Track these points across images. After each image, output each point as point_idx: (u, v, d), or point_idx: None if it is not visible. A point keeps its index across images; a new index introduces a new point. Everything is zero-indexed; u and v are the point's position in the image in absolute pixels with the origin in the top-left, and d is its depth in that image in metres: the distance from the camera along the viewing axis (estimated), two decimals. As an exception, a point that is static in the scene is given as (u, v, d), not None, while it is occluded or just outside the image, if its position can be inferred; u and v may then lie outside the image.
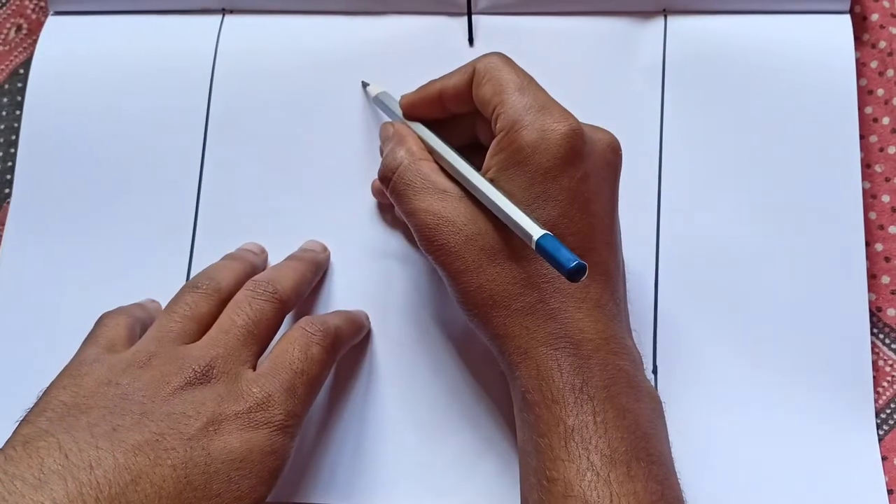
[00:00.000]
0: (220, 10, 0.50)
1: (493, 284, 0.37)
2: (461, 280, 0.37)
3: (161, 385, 0.35)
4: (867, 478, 0.41)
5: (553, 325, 0.36)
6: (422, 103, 0.42)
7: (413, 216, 0.38)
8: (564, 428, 0.35)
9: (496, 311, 0.37)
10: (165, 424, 0.34)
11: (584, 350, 0.36)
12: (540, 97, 0.37)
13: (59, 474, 0.31)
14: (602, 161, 0.37)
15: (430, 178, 0.38)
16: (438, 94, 0.41)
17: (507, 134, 0.37)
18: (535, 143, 0.36)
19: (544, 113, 0.36)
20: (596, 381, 0.35)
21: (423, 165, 0.39)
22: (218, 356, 0.37)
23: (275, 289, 0.39)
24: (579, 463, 0.34)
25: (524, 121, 0.36)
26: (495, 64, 0.38)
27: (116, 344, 0.38)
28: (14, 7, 0.52)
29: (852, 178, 0.44)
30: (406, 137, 0.41)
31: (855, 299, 0.43)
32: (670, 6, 0.48)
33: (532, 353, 0.36)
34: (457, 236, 0.37)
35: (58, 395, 0.35)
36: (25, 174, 0.48)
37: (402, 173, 0.39)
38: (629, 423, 0.35)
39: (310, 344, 0.38)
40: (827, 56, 0.46)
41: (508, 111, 0.37)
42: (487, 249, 0.37)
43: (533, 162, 0.36)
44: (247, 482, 0.34)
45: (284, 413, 0.36)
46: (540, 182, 0.36)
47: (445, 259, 0.37)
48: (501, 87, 0.37)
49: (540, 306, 0.36)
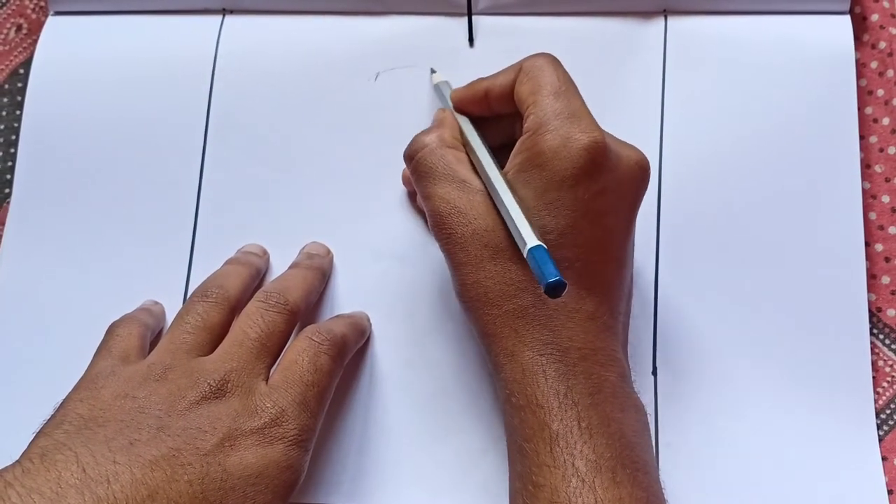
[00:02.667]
0: (221, 10, 0.50)
1: (489, 281, 0.37)
2: (461, 271, 0.37)
3: (177, 399, 0.35)
4: (867, 478, 0.41)
5: (542, 331, 0.36)
6: (469, 98, 0.42)
7: (429, 200, 0.38)
8: (549, 433, 0.35)
9: (488, 309, 0.37)
10: (182, 440, 0.34)
11: (569, 358, 0.36)
12: (573, 105, 0.37)
13: (76, 488, 0.31)
14: (626, 178, 0.37)
15: (451, 167, 0.38)
16: (485, 92, 0.41)
17: (531, 136, 0.37)
18: (556, 149, 0.36)
19: (572, 121, 0.36)
20: (580, 388, 0.35)
21: (448, 153, 0.39)
22: (232, 370, 0.37)
23: (286, 300, 0.40)
24: (564, 469, 0.34)
25: (550, 125, 0.36)
26: (540, 65, 0.38)
27: (130, 354, 0.39)
28: (14, 7, 0.52)
29: (852, 178, 0.44)
30: (444, 124, 0.41)
31: (855, 299, 0.43)
32: (670, 6, 0.48)
33: (518, 356, 0.36)
34: (465, 228, 0.37)
35: (75, 407, 0.35)
36: (25, 174, 0.48)
37: (425, 156, 0.39)
38: (614, 431, 0.35)
39: (318, 354, 0.38)
40: (827, 56, 0.46)
41: (538, 113, 0.37)
42: (491, 246, 0.37)
43: (551, 168, 0.36)
44: (262, 497, 0.34)
45: (298, 428, 0.36)
46: (555, 189, 0.36)
47: (451, 248, 0.38)
48: (538, 88, 0.37)
49: (532, 311, 0.36)
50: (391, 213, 0.46)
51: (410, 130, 0.47)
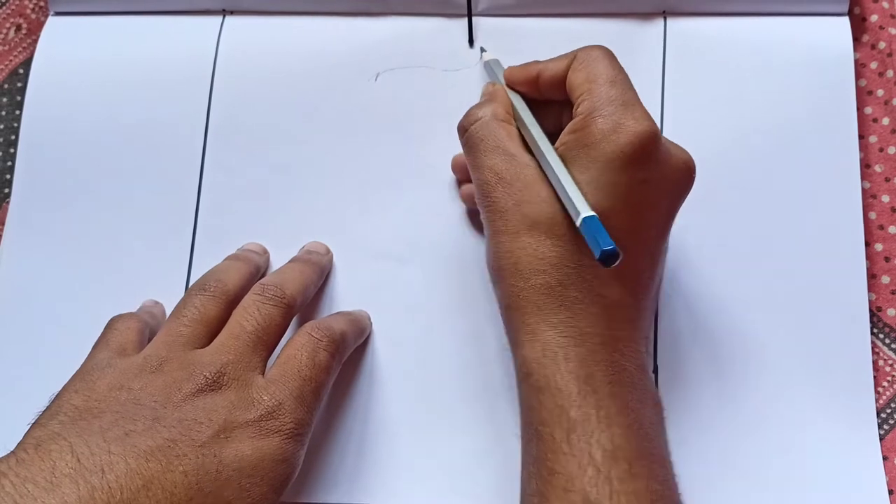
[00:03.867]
0: (221, 10, 0.50)
1: (521, 252, 0.37)
2: (496, 239, 0.38)
3: (173, 391, 0.35)
4: (868, 478, 0.41)
5: (566, 313, 0.36)
6: (521, 79, 0.42)
7: (478, 171, 0.39)
8: (567, 419, 0.34)
9: (515, 280, 0.37)
10: (177, 430, 0.34)
11: (590, 343, 0.36)
12: (628, 95, 0.37)
13: (70, 478, 0.31)
14: (671, 175, 0.37)
15: (502, 140, 0.39)
16: (537, 74, 0.41)
17: (583, 118, 0.37)
18: (606, 132, 0.36)
19: (626, 109, 0.36)
20: (600, 375, 0.35)
21: (500, 126, 0.39)
22: (228, 362, 0.37)
23: (283, 293, 0.40)
24: (581, 457, 0.34)
25: (604, 111, 0.36)
26: (596, 55, 0.38)
27: (127, 348, 0.39)
28: (14, 7, 0.52)
29: (852, 178, 0.44)
30: (496, 98, 0.42)
31: (855, 299, 0.43)
32: (670, 7, 0.48)
33: (540, 334, 0.36)
34: (508, 198, 0.37)
35: (70, 398, 0.35)
36: (25, 174, 0.48)
37: (478, 128, 0.39)
38: (631, 422, 0.35)
39: (317, 350, 0.38)
40: (826, 58, 0.46)
41: (592, 99, 0.37)
42: (530, 218, 0.37)
43: (599, 149, 0.36)
44: (258, 489, 0.34)
45: (294, 421, 0.36)
46: (599, 170, 0.36)
47: (491, 216, 0.38)
48: (593, 77, 0.38)
49: (559, 290, 0.36)
50: (391, 213, 0.46)
51: (410, 130, 0.47)
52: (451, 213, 0.46)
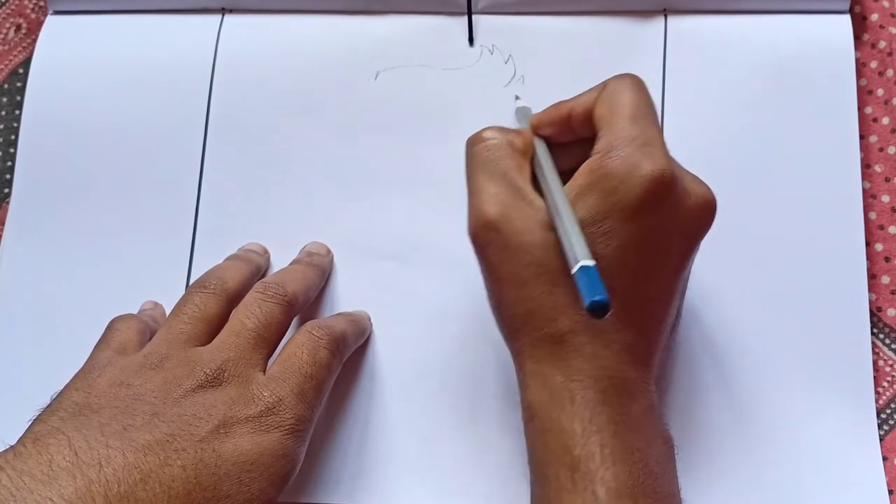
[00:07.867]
0: (220, 9, 0.50)
1: (531, 303, 0.35)
2: (500, 287, 0.36)
3: (173, 387, 0.36)
4: (868, 478, 0.41)
5: (577, 358, 0.35)
6: (550, 121, 0.39)
7: (477, 195, 0.37)
8: (571, 458, 0.34)
9: (526, 329, 0.36)
10: (176, 426, 0.34)
11: (599, 385, 0.35)
12: (648, 133, 0.35)
13: (68, 471, 0.31)
14: (689, 215, 0.36)
15: (511, 169, 0.37)
16: (569, 113, 0.38)
17: (599, 158, 0.35)
18: (620, 175, 0.34)
19: (644, 149, 0.34)
20: (606, 416, 0.34)
21: (514, 156, 0.37)
22: (229, 359, 0.37)
23: (284, 291, 0.40)
24: (584, 495, 0.33)
25: (620, 150, 0.35)
26: (622, 87, 0.37)
27: (128, 347, 0.39)
28: (14, 6, 0.52)
29: (852, 178, 0.44)
30: (519, 132, 0.39)
31: (855, 299, 0.43)
32: (670, 6, 0.48)
33: (549, 380, 0.35)
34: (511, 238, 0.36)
35: (70, 395, 0.36)
36: (25, 174, 0.48)
37: (490, 146, 0.37)
38: (637, 460, 0.34)
39: (318, 348, 0.38)
40: (827, 56, 0.46)
41: (610, 136, 0.35)
42: (535, 265, 0.35)
43: (612, 195, 0.34)
44: (257, 485, 0.34)
45: (295, 417, 0.36)
46: (611, 217, 0.34)
47: (492, 258, 0.36)
48: (615, 111, 0.36)
49: (569, 337, 0.35)
50: (391, 213, 0.46)
51: (410, 130, 0.47)
52: (451, 213, 0.46)
